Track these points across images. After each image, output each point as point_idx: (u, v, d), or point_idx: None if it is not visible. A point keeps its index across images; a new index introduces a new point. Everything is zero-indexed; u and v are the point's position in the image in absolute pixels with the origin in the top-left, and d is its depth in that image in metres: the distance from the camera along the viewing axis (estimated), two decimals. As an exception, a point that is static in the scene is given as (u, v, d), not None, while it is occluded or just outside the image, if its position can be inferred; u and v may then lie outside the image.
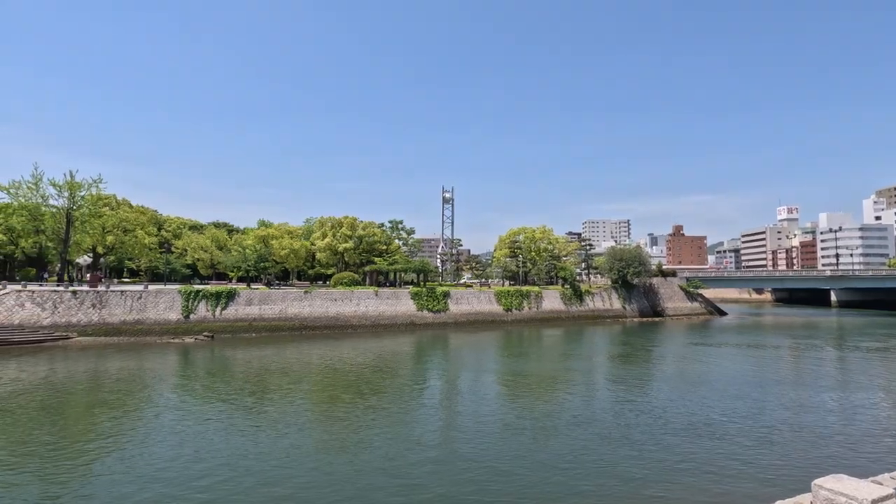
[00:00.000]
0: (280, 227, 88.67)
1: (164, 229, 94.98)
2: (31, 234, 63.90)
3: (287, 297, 58.80)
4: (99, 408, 24.10)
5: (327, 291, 62.35)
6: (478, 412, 23.50)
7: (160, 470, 16.01)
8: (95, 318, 48.72)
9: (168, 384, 29.65)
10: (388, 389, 28.42)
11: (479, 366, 37.44)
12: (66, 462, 16.79)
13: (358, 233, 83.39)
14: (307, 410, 23.96)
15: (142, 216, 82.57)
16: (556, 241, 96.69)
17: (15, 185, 61.13)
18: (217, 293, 54.91)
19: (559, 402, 25.53)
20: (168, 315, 51.83)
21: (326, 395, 27.39)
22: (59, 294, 48.78)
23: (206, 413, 23.04)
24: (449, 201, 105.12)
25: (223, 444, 18.64)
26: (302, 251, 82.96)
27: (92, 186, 64.19)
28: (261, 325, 54.74)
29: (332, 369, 34.36)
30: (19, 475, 15.59)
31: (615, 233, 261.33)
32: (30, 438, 19.15)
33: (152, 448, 18.12)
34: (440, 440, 19.49)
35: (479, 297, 70.88)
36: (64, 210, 62.38)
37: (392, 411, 23.61)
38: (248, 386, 28.84)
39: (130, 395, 26.50)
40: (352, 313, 60.93)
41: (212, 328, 51.62)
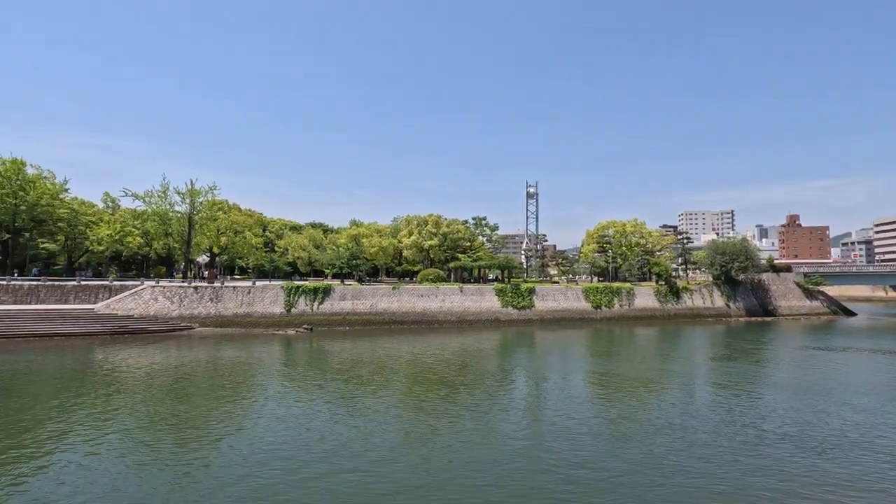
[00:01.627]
0: (370, 227, 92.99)
1: (269, 230, 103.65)
2: (162, 237, 72.90)
3: (377, 293, 61.56)
4: (216, 391, 27.06)
5: (414, 287, 64.32)
6: (565, 412, 23.01)
7: (267, 454, 17.62)
8: (213, 310, 54.57)
9: (274, 372, 32.47)
10: (475, 385, 28.73)
11: (567, 364, 36.57)
12: (191, 438, 19.09)
13: (442, 230, 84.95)
14: (398, 402, 24.97)
15: (249, 219, 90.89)
16: (649, 235, 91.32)
17: (148, 195, 70.24)
18: (315, 289, 58.98)
19: (652, 406, 24.21)
20: (273, 309, 56.62)
21: (415, 388, 28.34)
22: (184, 289, 55.29)
23: (307, 401, 24.91)
24: (533, 196, 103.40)
25: (323, 432, 20.03)
26: (390, 249, 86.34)
27: (208, 193, 71.98)
28: (354, 319, 57.91)
29: (421, 363, 35.45)
30: (153, 446, 18.00)
31: (717, 225, 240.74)
32: (162, 414, 22.03)
33: (260, 432, 19.97)
34: (527, 439, 19.37)
35: (565, 294, 69.10)
36: (186, 215, 70.55)
37: (479, 408, 23.86)
38: (343, 376, 30.71)
39: (242, 381, 29.40)
40: (437, 309, 62.31)
41: (310, 321, 55.54)
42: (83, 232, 71.09)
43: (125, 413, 22.40)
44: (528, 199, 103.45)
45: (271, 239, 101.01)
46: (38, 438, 18.76)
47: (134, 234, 72.79)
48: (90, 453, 17.16)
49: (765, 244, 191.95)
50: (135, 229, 72.72)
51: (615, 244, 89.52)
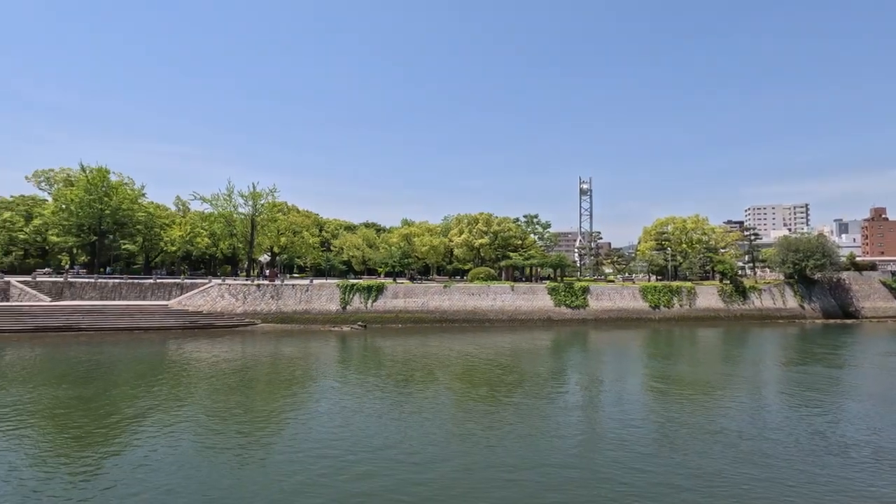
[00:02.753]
0: (421, 226, 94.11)
1: (324, 230, 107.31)
2: (227, 238, 77.28)
3: (428, 291, 62.23)
4: (276, 385, 28.38)
5: (465, 286, 64.48)
6: (621, 416, 22.29)
7: (321, 446, 18.26)
8: (273, 307, 57.23)
9: (329, 368, 33.62)
10: (526, 386, 28.42)
11: (623, 366, 35.41)
12: (253, 429, 20.15)
13: (493, 228, 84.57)
14: (448, 401, 25.15)
15: (307, 219, 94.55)
16: (712, 232, 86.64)
17: (215, 198, 74.66)
18: (368, 287, 60.49)
19: (714, 412, 22.96)
20: (329, 306, 58.61)
21: (466, 387, 28.42)
22: (247, 287, 58.34)
23: (361, 397, 25.60)
24: (586, 192, 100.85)
25: (375, 428, 20.52)
26: (441, 247, 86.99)
27: (269, 195, 75.54)
28: (405, 317, 58.86)
29: (472, 361, 35.50)
30: (220, 435, 19.13)
31: (788, 219, 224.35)
32: (227, 405, 23.37)
33: (315, 425, 20.72)
34: (581, 444, 18.92)
35: (621, 293, 66.88)
36: (249, 216, 74.39)
37: (531, 409, 23.58)
38: (396, 374, 31.29)
39: (300, 376, 30.65)
40: (488, 307, 62.14)
41: (364, 318, 57.02)
42: (158, 233, 76.71)
43: (195, 402, 23.97)
44: (582, 195, 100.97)
45: (327, 239, 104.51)
46: (120, 421, 20.46)
47: (202, 235, 77.72)
48: (165, 437, 18.50)
49: (845, 240, 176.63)
50: (203, 230, 77.62)
51: (674, 241, 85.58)
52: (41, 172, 76.72)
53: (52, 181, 75.94)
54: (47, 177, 76.50)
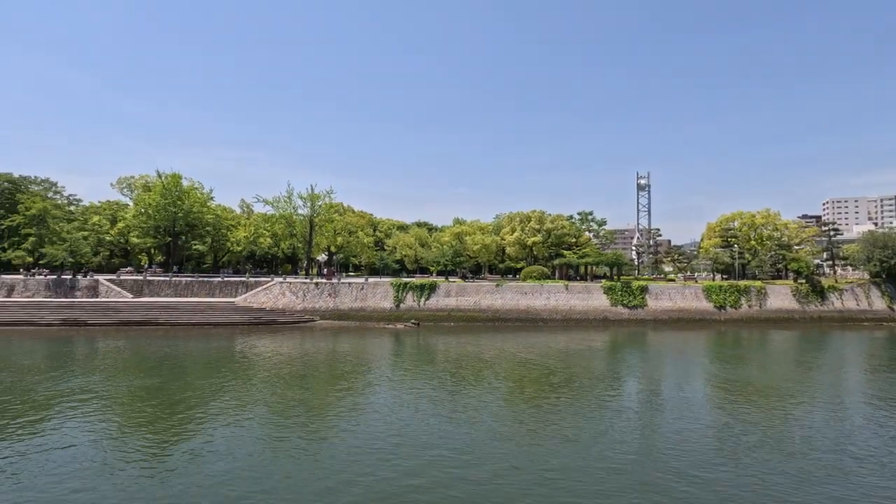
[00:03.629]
0: (472, 224, 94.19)
1: (378, 230, 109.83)
2: (288, 238, 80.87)
3: (480, 290, 62.19)
4: (334, 380, 29.39)
5: (517, 285, 63.88)
6: (682, 422, 21.30)
7: (375, 441, 18.72)
8: (331, 304, 59.26)
9: (384, 364, 34.40)
10: (580, 387, 27.78)
11: (685, 369, 33.82)
12: (313, 421, 20.98)
13: (546, 226, 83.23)
14: (499, 400, 25.04)
15: (361, 220, 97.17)
16: (785, 227, 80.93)
17: (276, 200, 78.31)
18: (421, 285, 61.31)
19: (787, 420, 21.44)
20: (383, 304, 59.94)
21: (518, 387, 28.19)
22: (307, 285, 60.74)
23: (413, 393, 26.01)
24: (644, 188, 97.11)
25: (425, 424, 20.79)
26: (492, 246, 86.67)
27: (326, 196, 78.29)
28: (458, 316, 59.14)
29: (525, 361, 35.16)
30: (278, 425, 20.07)
31: (874, 213, 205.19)
32: (289, 398, 24.47)
33: (369, 421, 21.27)
34: (636, 453, 18.27)
35: (682, 293, 63.85)
36: (308, 217, 77.44)
37: (586, 411, 23.05)
38: (447, 371, 31.54)
39: (356, 371, 31.57)
40: (542, 307, 61.24)
41: (417, 316, 57.85)
42: (225, 234, 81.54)
43: (257, 394, 25.29)
44: (639, 191, 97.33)
45: (381, 238, 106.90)
46: (189, 409, 21.96)
47: (265, 235, 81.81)
48: (228, 426, 19.65)
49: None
50: (265, 231, 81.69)
51: (742, 238, 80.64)
52: (123, 179, 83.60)
53: (133, 187, 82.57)
54: (129, 183, 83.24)
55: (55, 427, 19.50)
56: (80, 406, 22.45)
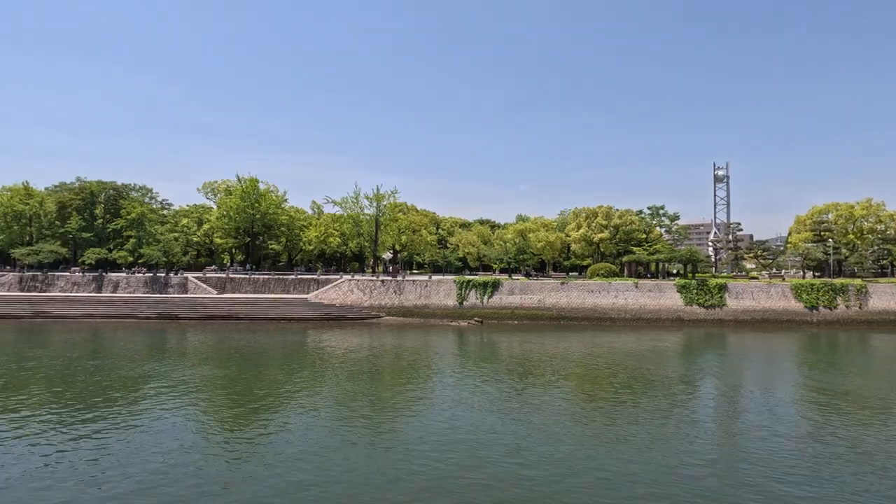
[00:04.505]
0: (536, 221, 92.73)
1: (441, 228, 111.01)
2: (355, 237, 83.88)
3: (544, 288, 61.15)
4: (399, 374, 30.15)
5: (583, 283, 62.14)
6: (767, 432, 19.74)
7: (438, 436, 18.96)
8: (396, 301, 60.77)
9: (448, 360, 34.78)
10: (652, 388, 26.57)
11: (770, 374, 31.34)
12: (379, 415, 21.65)
13: (614, 222, 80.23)
14: (562, 399, 24.52)
15: (425, 218, 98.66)
16: (890, 219, 72.47)
17: (344, 201, 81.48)
18: (484, 283, 61.29)
19: (891, 438, 19.25)
20: (446, 301, 60.57)
21: (583, 387, 27.46)
22: (373, 283, 62.71)
23: (476, 390, 26.08)
24: (722, 179, 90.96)
25: (488, 422, 20.80)
26: (557, 243, 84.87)
27: (390, 196, 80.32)
28: (521, 313, 58.53)
29: (592, 361, 34.17)
30: (346, 418, 20.88)
31: None
32: (358, 391, 25.41)
33: (432, 417, 21.59)
34: (712, 464, 17.18)
35: (767, 292, 59.11)
36: (374, 217, 79.88)
37: (658, 414, 22.00)
38: (511, 369, 31.34)
39: (421, 367, 32.18)
40: (609, 305, 59.16)
41: (481, 314, 57.91)
42: (298, 234, 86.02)
43: (328, 386, 26.50)
44: (717, 182, 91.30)
45: (443, 236, 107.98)
46: (266, 398, 23.43)
47: (334, 235, 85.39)
48: (301, 415, 20.74)
49: None
50: (334, 231, 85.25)
51: (837, 231, 73.27)
52: (208, 184, 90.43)
53: (216, 191, 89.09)
54: (212, 187, 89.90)
55: (147, 409, 21.58)
56: (169, 391, 24.65)
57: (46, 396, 23.61)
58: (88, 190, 79.44)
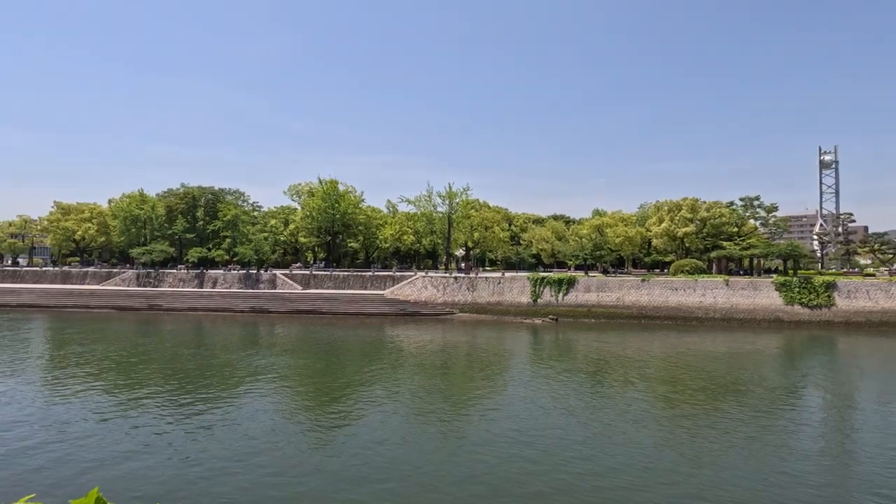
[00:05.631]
0: (614, 216, 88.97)
1: (513, 224, 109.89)
2: (428, 234, 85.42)
3: (624, 286, 58.53)
4: (473, 370, 30.32)
5: (666, 280, 58.68)
6: (885, 452, 17.54)
7: (507, 435, 18.81)
8: (469, 298, 61.10)
9: (522, 358, 34.44)
10: (745, 396, 24.53)
11: (888, 385, 27.75)
12: (453, 411, 21.91)
13: (700, 214, 74.87)
14: (647, 404, 23.35)
15: (497, 215, 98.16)
16: None
17: (417, 199, 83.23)
18: (559, 280, 59.85)
19: None
20: (520, 298, 59.91)
21: (668, 391, 25.97)
22: (446, 279, 63.51)
23: (550, 389, 25.57)
24: (830, 165, 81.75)
25: (560, 425, 20.30)
26: (637, 238, 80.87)
27: (462, 194, 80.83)
28: (599, 312, 56.47)
29: (676, 363, 32.25)
30: (421, 412, 21.32)
31: None
32: (432, 386, 25.91)
33: (504, 415, 21.44)
34: (819, 480, 15.57)
35: (887, 290, 52.29)
36: (446, 214, 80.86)
37: (746, 423, 20.29)
38: (587, 369, 30.38)
39: (495, 364, 32.14)
40: (696, 304, 55.37)
41: (556, 311, 56.65)
42: (374, 233, 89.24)
43: (404, 380, 27.26)
44: (823, 169, 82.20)
45: (516, 232, 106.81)
46: (345, 388, 24.57)
47: (408, 233, 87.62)
48: (378, 409, 21.51)
49: None
50: (409, 229, 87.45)
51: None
52: (293, 187, 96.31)
53: (300, 193, 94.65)
54: (297, 190, 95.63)
55: (239, 393, 23.46)
56: (259, 378, 26.62)
57: (156, 379, 26.47)
58: (191, 195, 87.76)
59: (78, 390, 23.73)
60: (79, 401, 22.01)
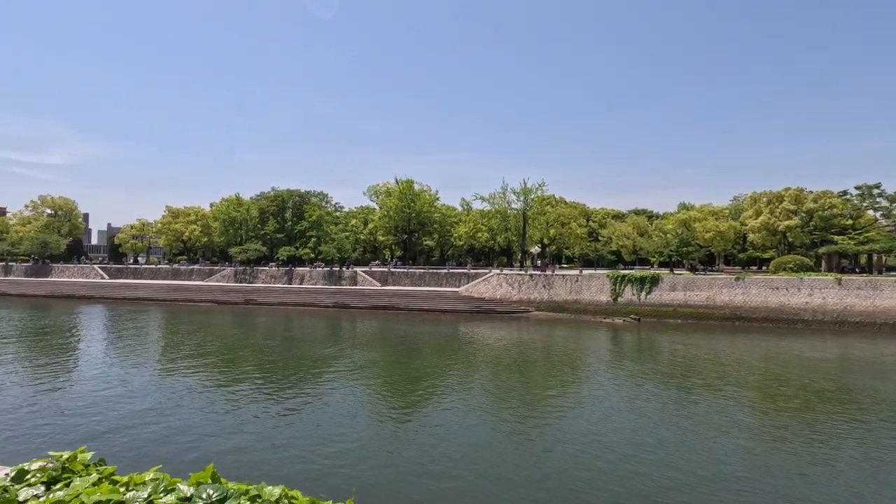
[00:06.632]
0: (702, 209, 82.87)
1: (591, 220, 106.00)
2: (502, 232, 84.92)
3: (715, 284, 54.36)
4: (549, 370, 29.68)
5: (765, 278, 53.65)
6: None
7: (581, 438, 18.15)
8: (545, 296, 59.91)
9: (601, 359, 33.17)
10: (863, 411, 21.80)
11: None
12: (529, 411, 21.59)
13: (806, 206, 67.64)
14: (740, 414, 21.50)
15: (574, 210, 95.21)
16: None
17: (492, 196, 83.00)
18: (641, 278, 56.88)
19: None
20: (599, 297, 57.73)
21: (765, 400, 23.73)
22: (521, 277, 62.74)
23: (631, 392, 24.36)
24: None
25: (640, 431, 19.26)
26: (729, 233, 74.73)
27: (538, 190, 79.38)
28: (686, 312, 52.94)
29: (775, 369, 29.41)
30: (495, 412, 21.20)
31: None
32: (507, 384, 25.71)
33: (583, 417, 20.73)
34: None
35: None
36: (521, 211, 79.83)
37: (866, 445, 18.00)
38: (673, 373, 28.61)
39: (572, 364, 31.24)
40: (801, 305, 50.09)
41: (638, 311, 53.92)
42: (449, 230, 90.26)
43: (479, 378, 27.31)
44: (963, 150, 70.53)
45: (594, 229, 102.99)
46: (424, 382, 25.07)
47: (482, 230, 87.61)
48: (454, 405, 21.72)
49: None
50: (483, 226, 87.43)
51: None
52: (371, 187, 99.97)
53: (378, 193, 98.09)
54: (375, 190, 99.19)
55: (324, 381, 24.77)
56: (342, 370, 27.94)
57: (250, 368, 28.71)
58: (280, 197, 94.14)
59: (186, 375, 26.40)
60: (187, 384, 24.46)
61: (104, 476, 2.28)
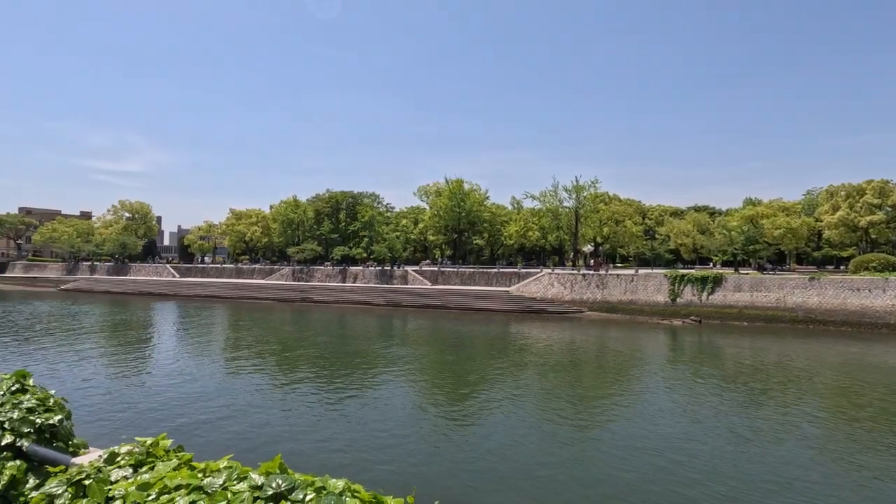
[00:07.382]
0: (771, 205, 77.71)
1: (647, 218, 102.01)
2: (554, 230, 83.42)
3: (786, 285, 50.79)
4: (604, 373, 28.86)
5: (844, 278, 49.51)
6: None
7: (639, 445, 17.46)
8: (599, 296, 58.27)
9: (658, 362, 31.84)
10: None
11: None
12: (582, 415, 21.08)
13: (891, 200, 61.85)
14: (813, 426, 19.96)
15: (629, 208, 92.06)
16: None
17: (543, 195, 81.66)
18: (703, 278, 54.09)
19: None
20: (656, 297, 55.44)
21: (842, 411, 21.91)
22: (574, 276, 61.36)
23: (692, 398, 23.20)
24: None
25: (701, 439, 18.30)
26: (802, 230, 69.59)
27: (590, 187, 77.33)
28: (752, 314, 49.82)
29: (854, 376, 27.10)
30: (545, 413, 20.83)
31: None
32: (559, 386, 25.23)
33: (638, 421, 19.95)
34: None
35: None
36: (573, 209, 78.07)
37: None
38: (738, 379, 27.00)
39: (627, 366, 30.21)
40: (886, 308, 45.83)
41: (698, 312, 51.34)
42: (499, 230, 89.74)
43: (529, 378, 26.97)
44: None
45: (650, 226, 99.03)
46: (474, 381, 25.06)
47: (533, 229, 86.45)
48: (503, 405, 21.55)
49: None
50: (534, 225, 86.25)
51: None
52: (421, 188, 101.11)
53: (428, 193, 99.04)
54: (425, 190, 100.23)
55: (377, 378, 25.29)
56: (395, 368, 28.42)
57: (307, 364, 29.81)
58: (334, 199, 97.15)
59: (250, 370, 27.81)
60: (251, 379, 25.76)
61: (183, 462, 2.47)
